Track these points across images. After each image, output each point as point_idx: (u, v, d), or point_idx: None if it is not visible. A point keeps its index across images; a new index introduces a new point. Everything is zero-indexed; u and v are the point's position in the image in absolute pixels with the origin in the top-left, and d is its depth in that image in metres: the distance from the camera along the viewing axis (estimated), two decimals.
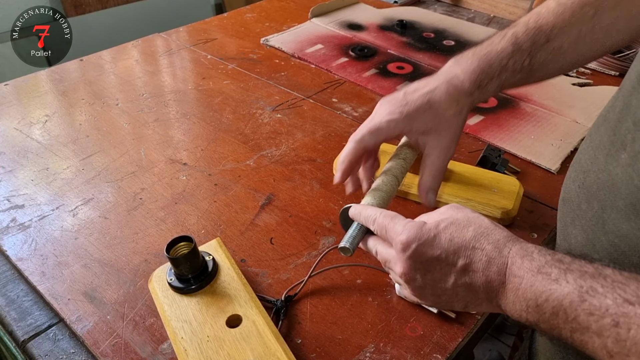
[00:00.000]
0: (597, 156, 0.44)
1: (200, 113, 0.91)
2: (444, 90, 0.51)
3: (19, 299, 0.58)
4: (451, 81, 0.52)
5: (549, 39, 0.52)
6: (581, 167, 0.46)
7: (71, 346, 0.53)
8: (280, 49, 1.14)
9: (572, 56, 0.54)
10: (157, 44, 1.17)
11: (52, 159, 0.79)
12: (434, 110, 0.51)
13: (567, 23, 0.52)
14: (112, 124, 0.88)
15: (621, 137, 0.41)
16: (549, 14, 0.53)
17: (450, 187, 0.69)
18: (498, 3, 1.36)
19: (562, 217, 0.50)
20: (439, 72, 0.54)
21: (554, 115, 0.91)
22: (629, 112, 0.41)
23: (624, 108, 0.42)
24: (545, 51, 0.52)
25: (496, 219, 0.66)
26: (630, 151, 0.39)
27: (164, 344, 0.52)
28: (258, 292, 0.58)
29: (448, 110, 0.51)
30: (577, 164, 0.48)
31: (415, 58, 1.11)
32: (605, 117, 0.46)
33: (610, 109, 0.45)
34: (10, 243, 0.64)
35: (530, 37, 0.52)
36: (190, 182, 0.75)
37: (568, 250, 0.46)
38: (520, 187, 0.70)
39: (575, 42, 0.52)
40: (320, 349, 0.52)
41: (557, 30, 0.52)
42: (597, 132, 0.46)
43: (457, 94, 0.51)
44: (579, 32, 0.52)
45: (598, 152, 0.44)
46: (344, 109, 0.93)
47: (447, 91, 0.51)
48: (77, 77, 1.02)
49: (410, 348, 0.52)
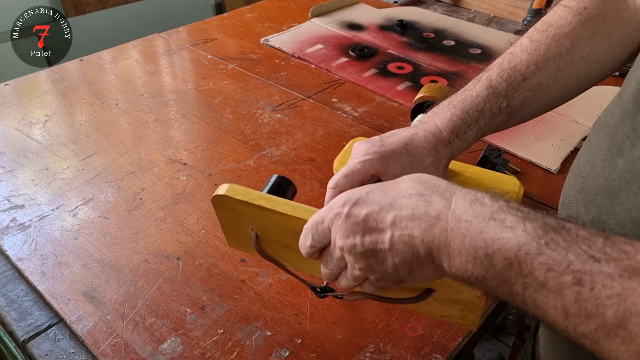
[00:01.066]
0: (595, 161, 0.43)
1: (200, 113, 0.91)
2: (422, 137, 0.49)
3: (19, 299, 0.58)
4: (429, 130, 0.50)
5: (525, 77, 0.51)
6: (580, 172, 0.46)
7: (71, 346, 0.53)
8: (280, 49, 1.14)
9: (555, 91, 0.52)
10: (157, 44, 1.17)
11: (52, 159, 0.79)
12: (412, 155, 0.49)
13: (542, 58, 0.50)
14: (112, 124, 0.88)
15: (619, 142, 0.40)
16: (523, 53, 0.51)
17: None
18: (498, 3, 1.36)
19: None
20: (419, 124, 0.52)
21: (554, 115, 0.91)
22: (627, 118, 0.40)
23: (622, 114, 0.41)
24: (523, 90, 0.51)
25: None
26: (629, 157, 0.39)
27: (164, 344, 0.52)
28: (258, 292, 0.58)
29: (426, 158, 0.49)
30: (576, 169, 0.48)
31: (415, 58, 1.11)
32: (604, 122, 0.45)
33: (609, 114, 0.45)
34: (11, 243, 0.64)
35: (505, 78, 0.51)
36: (190, 182, 0.75)
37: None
38: (521, 187, 0.70)
39: (555, 77, 0.51)
40: (320, 349, 0.52)
41: (533, 67, 0.50)
42: (596, 138, 0.45)
43: (436, 142, 0.49)
44: (557, 66, 0.51)
45: (596, 157, 0.43)
46: (344, 109, 0.93)
47: (425, 138, 0.49)
48: (77, 77, 1.02)
49: (411, 348, 0.52)
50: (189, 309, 0.56)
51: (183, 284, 0.59)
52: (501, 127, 0.53)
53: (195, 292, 0.58)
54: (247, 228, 0.48)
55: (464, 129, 0.50)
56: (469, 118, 0.50)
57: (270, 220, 0.45)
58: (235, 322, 0.55)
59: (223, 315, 0.56)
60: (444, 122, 0.50)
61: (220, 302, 0.57)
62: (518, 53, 0.52)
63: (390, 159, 0.48)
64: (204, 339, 0.53)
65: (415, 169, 0.48)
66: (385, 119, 0.89)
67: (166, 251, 0.63)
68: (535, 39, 0.52)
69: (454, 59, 1.11)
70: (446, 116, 0.50)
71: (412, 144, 0.49)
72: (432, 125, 0.50)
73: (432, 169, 0.49)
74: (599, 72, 0.52)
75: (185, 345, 0.52)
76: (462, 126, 0.50)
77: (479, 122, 0.50)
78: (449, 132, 0.50)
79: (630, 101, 0.40)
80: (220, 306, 0.57)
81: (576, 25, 0.51)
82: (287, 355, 0.52)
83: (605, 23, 0.50)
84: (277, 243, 0.48)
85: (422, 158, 0.49)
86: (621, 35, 0.51)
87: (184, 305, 0.57)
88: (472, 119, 0.50)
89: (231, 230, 0.50)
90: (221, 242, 0.65)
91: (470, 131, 0.50)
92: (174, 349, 0.52)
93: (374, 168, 0.47)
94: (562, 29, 0.51)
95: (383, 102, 0.96)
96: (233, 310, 0.56)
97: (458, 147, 0.51)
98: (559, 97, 0.53)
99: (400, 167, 0.48)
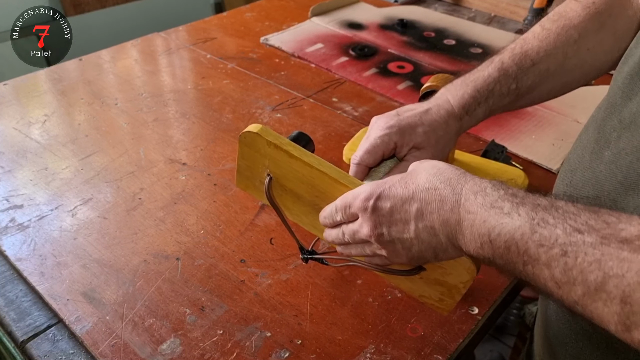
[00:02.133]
0: (583, 155, 0.45)
1: (200, 113, 0.91)
2: (436, 112, 0.54)
3: (18, 299, 0.58)
4: (442, 105, 0.54)
5: (534, 62, 0.54)
6: (569, 167, 0.48)
7: (70, 347, 0.53)
8: (280, 48, 1.13)
9: (561, 78, 0.56)
10: (157, 43, 1.16)
11: (51, 158, 0.79)
12: (425, 127, 0.53)
13: (552, 46, 0.54)
14: (111, 124, 0.87)
15: (606, 135, 0.42)
16: (534, 39, 0.55)
17: None
18: (499, 2, 1.35)
19: None
20: (432, 99, 0.56)
21: (555, 115, 0.91)
22: (614, 111, 0.42)
23: (609, 106, 0.43)
24: (532, 74, 0.54)
25: None
26: (614, 148, 0.40)
27: (163, 345, 0.52)
28: (257, 292, 0.58)
29: (438, 131, 0.53)
30: (566, 164, 0.50)
31: (416, 57, 1.11)
32: (594, 117, 0.47)
33: (598, 109, 0.47)
34: (9, 243, 0.64)
35: (516, 62, 0.54)
36: (189, 182, 0.74)
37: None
38: (525, 178, 0.72)
39: (562, 65, 0.55)
40: (321, 350, 0.52)
41: (542, 53, 0.54)
42: (586, 132, 0.47)
43: (447, 116, 0.54)
44: (564, 54, 0.54)
45: (585, 151, 0.45)
46: (344, 109, 0.93)
47: (438, 113, 0.53)
48: (76, 76, 1.02)
49: (411, 349, 0.52)
50: (188, 309, 0.56)
51: (182, 285, 0.59)
52: (508, 107, 0.57)
53: (195, 292, 0.58)
54: (264, 171, 0.50)
55: (474, 106, 0.54)
56: (480, 97, 0.54)
57: (291, 168, 0.47)
58: (234, 322, 0.55)
59: (222, 315, 0.55)
60: (456, 99, 0.54)
61: (219, 303, 0.57)
62: (530, 39, 0.56)
63: (407, 131, 0.52)
64: (204, 339, 0.53)
65: (427, 140, 0.52)
66: None
67: (165, 251, 0.63)
68: (547, 28, 0.55)
69: (454, 58, 1.11)
70: (458, 93, 0.54)
71: (426, 118, 0.53)
72: (444, 100, 0.54)
73: (443, 142, 0.54)
74: (602, 64, 0.56)
75: (185, 346, 0.52)
76: (472, 104, 0.54)
77: (489, 101, 0.54)
78: (460, 108, 0.54)
79: (618, 95, 0.42)
80: (220, 307, 0.56)
81: (584, 18, 0.54)
82: (286, 356, 0.51)
83: (611, 18, 0.54)
84: (288, 193, 0.50)
85: (435, 131, 0.53)
86: (625, 30, 0.54)
87: (183, 306, 0.56)
88: (482, 97, 0.54)
89: (246, 171, 0.52)
90: (220, 242, 0.64)
91: (479, 109, 0.54)
92: (173, 349, 0.52)
93: (393, 141, 0.52)
94: (571, 20, 0.54)
95: (383, 102, 0.96)
96: (232, 310, 0.56)
97: (467, 123, 0.55)
98: (564, 84, 0.57)
99: (415, 138, 0.52)
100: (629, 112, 0.40)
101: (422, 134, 0.52)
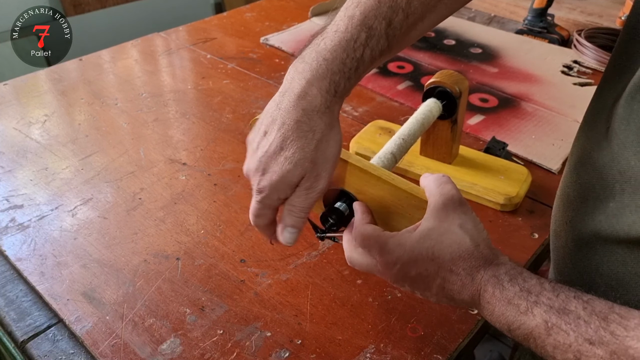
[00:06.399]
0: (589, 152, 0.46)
1: (200, 113, 0.91)
2: (325, 120, 0.45)
3: (18, 299, 0.58)
4: (317, 108, 0.44)
5: (407, 14, 0.44)
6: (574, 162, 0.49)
7: (70, 347, 0.53)
8: (280, 48, 1.13)
9: (428, 21, 0.47)
10: (157, 43, 1.16)
11: (51, 158, 0.79)
12: (323, 134, 0.45)
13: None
14: (111, 124, 0.87)
15: (601, 130, 0.44)
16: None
17: (457, 171, 0.70)
18: (499, 2, 1.35)
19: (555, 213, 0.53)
20: (306, 105, 0.43)
21: (555, 115, 0.91)
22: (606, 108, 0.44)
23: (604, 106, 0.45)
24: (404, 27, 0.45)
25: (498, 205, 0.69)
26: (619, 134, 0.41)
27: (163, 345, 0.52)
28: (257, 292, 0.58)
29: (335, 125, 0.47)
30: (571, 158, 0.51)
31: (416, 57, 1.11)
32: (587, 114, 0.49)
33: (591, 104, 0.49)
34: (10, 243, 0.64)
35: (384, 17, 0.43)
36: (189, 182, 0.74)
37: (560, 247, 0.49)
38: (529, 175, 0.72)
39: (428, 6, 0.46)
40: (321, 350, 0.52)
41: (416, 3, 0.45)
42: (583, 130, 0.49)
43: (330, 112, 0.45)
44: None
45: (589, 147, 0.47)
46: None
47: (322, 118, 0.44)
48: (76, 76, 1.02)
49: (411, 349, 0.52)
50: (188, 309, 0.56)
51: (182, 285, 0.59)
52: (379, 64, 0.49)
53: (195, 292, 0.58)
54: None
55: (345, 85, 0.45)
56: (348, 71, 0.44)
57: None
58: (234, 322, 0.55)
59: (222, 315, 0.55)
60: (326, 94, 0.44)
61: (219, 303, 0.57)
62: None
63: (320, 150, 0.44)
64: (204, 339, 0.53)
65: (335, 136, 0.46)
66: (385, 118, 0.88)
67: (165, 251, 0.63)
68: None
69: (454, 58, 1.11)
70: (324, 85, 0.44)
71: (326, 130, 0.45)
72: (319, 101, 0.44)
73: (337, 124, 0.47)
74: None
75: (185, 346, 0.52)
76: (343, 86, 0.45)
77: (359, 70, 0.45)
78: (332, 98, 0.45)
79: (605, 80, 0.45)
80: (220, 307, 0.56)
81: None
82: (286, 356, 0.51)
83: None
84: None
85: (330, 128, 0.45)
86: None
87: (184, 306, 0.56)
88: (350, 71, 0.44)
89: None
90: (221, 242, 0.64)
91: (349, 83, 0.46)
92: (173, 349, 0.52)
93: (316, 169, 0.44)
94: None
95: (383, 102, 0.96)
96: (233, 310, 0.56)
97: (345, 95, 0.47)
98: (430, 25, 0.49)
99: (330, 145, 0.45)
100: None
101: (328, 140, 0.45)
